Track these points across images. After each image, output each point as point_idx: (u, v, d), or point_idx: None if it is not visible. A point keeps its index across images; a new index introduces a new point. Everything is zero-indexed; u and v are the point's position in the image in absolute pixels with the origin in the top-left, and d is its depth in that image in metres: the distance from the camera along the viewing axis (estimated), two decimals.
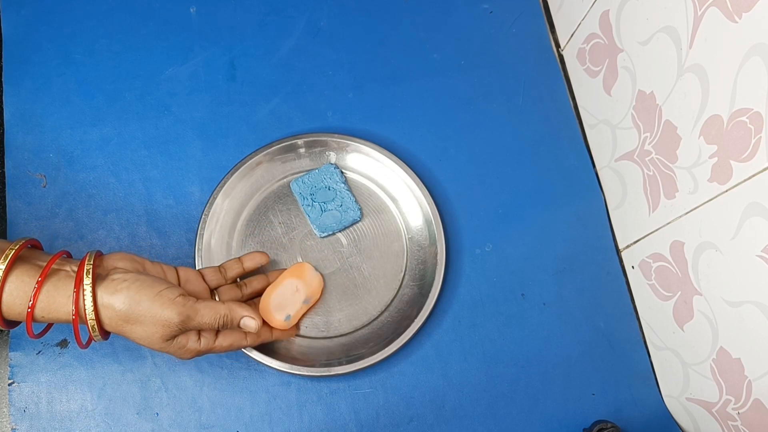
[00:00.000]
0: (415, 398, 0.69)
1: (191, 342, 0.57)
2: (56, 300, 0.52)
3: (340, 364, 0.66)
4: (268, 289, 0.66)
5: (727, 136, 0.55)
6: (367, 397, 0.68)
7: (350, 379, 0.68)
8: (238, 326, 0.60)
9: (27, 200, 0.71)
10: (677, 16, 0.59)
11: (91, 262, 0.54)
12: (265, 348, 0.67)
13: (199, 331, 0.58)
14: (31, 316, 0.52)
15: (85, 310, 0.53)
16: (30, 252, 0.55)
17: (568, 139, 0.79)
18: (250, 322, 0.60)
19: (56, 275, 0.53)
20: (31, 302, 0.51)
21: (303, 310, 0.68)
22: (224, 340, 0.60)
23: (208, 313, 0.57)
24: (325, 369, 0.66)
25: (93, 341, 0.56)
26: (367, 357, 0.66)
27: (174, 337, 0.56)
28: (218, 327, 0.58)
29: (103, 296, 0.53)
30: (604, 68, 0.74)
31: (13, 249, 0.52)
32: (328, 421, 0.67)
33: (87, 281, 0.53)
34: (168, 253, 0.71)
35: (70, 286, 0.53)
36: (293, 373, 0.66)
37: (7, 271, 0.51)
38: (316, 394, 0.68)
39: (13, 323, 0.54)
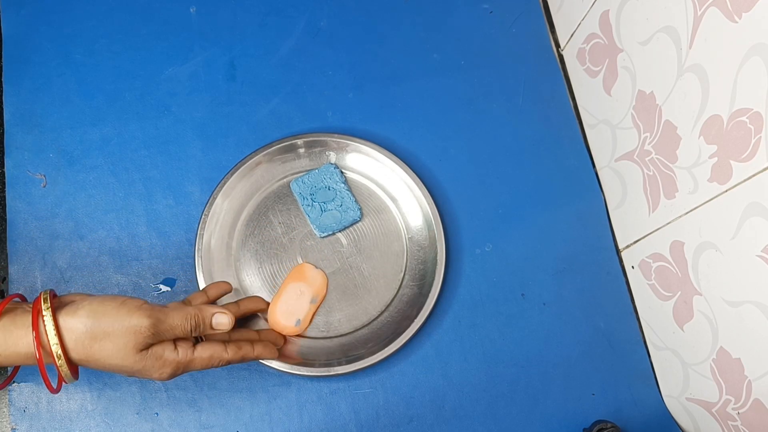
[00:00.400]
0: (415, 398, 0.69)
1: (168, 351, 0.54)
2: (13, 333, 0.49)
3: (340, 364, 0.66)
4: (273, 299, 0.67)
5: (727, 136, 0.55)
6: (367, 397, 0.68)
7: (350, 379, 0.68)
8: (211, 328, 0.57)
9: (27, 200, 0.71)
10: (677, 16, 0.59)
11: (47, 293, 0.51)
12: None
13: (175, 342, 0.55)
14: None
15: (47, 336, 0.49)
16: None
17: (568, 139, 0.79)
18: (221, 318, 0.57)
19: (12, 312, 0.51)
20: None
21: (312, 310, 0.68)
22: (203, 351, 0.56)
23: (178, 314, 0.54)
24: (325, 369, 0.66)
25: (64, 382, 0.52)
26: (367, 357, 0.66)
27: (148, 346, 0.53)
28: (191, 329, 0.55)
29: (65, 319, 0.50)
30: (604, 68, 0.74)
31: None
32: (328, 421, 0.67)
33: (45, 306, 0.50)
34: (168, 253, 0.71)
35: (28, 318, 0.50)
36: (293, 373, 0.66)
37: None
38: (316, 394, 0.68)
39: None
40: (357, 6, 0.82)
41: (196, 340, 0.58)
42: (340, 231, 0.72)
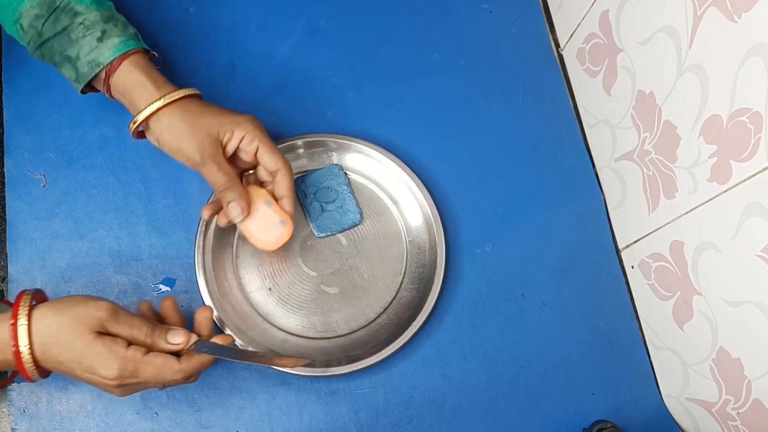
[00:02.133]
0: (414, 398, 0.69)
1: (118, 345, 0.53)
2: None
3: (340, 364, 0.66)
4: (245, 230, 0.66)
5: (727, 135, 0.55)
6: (367, 397, 0.68)
7: (350, 379, 0.68)
8: (167, 341, 0.56)
9: (27, 200, 0.71)
10: (677, 16, 0.59)
11: (29, 297, 0.54)
12: (265, 348, 0.67)
13: (129, 344, 0.55)
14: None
15: (18, 324, 0.52)
16: None
17: (568, 139, 0.79)
18: (177, 334, 0.57)
19: None
20: None
21: (285, 207, 0.66)
22: (155, 357, 0.55)
23: (138, 316, 0.56)
24: (325, 369, 0.66)
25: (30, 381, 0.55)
26: (367, 357, 0.66)
27: (102, 332, 0.53)
28: (146, 331, 0.55)
29: (36, 312, 0.54)
30: (604, 68, 0.74)
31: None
32: (328, 421, 0.67)
33: (23, 311, 0.53)
34: (167, 252, 0.71)
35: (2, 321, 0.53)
36: (293, 373, 0.66)
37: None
38: (316, 394, 0.68)
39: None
40: (357, 6, 0.82)
41: None
42: (338, 232, 0.72)
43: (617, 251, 0.76)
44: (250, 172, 0.68)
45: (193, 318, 0.61)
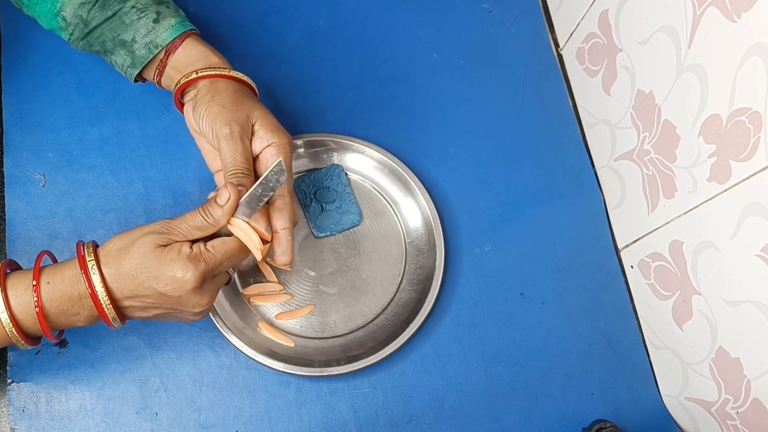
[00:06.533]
0: (414, 398, 0.69)
1: (185, 247, 0.54)
2: (61, 272, 0.53)
3: (339, 363, 0.66)
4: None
5: (726, 135, 0.55)
6: (366, 397, 0.68)
7: (349, 378, 0.68)
8: (216, 203, 0.55)
9: (26, 200, 0.71)
10: (676, 16, 0.59)
11: (90, 246, 0.55)
12: (264, 348, 0.67)
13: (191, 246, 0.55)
14: (40, 305, 0.52)
15: (86, 260, 0.53)
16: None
17: (568, 138, 0.79)
18: (223, 192, 0.55)
19: (49, 269, 0.54)
20: (35, 285, 0.52)
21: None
22: (218, 241, 0.56)
23: (187, 213, 0.57)
24: (324, 369, 0.66)
25: (112, 327, 0.55)
26: (366, 357, 0.66)
27: (167, 243, 0.54)
28: (202, 215, 0.55)
29: (101, 251, 0.54)
30: (603, 68, 0.74)
31: None
32: (327, 420, 0.67)
33: (89, 257, 0.54)
34: None
35: (68, 271, 0.54)
36: (292, 373, 0.66)
37: (4, 288, 0.53)
38: (315, 393, 0.68)
39: (36, 339, 0.56)
40: (356, 5, 0.82)
41: None
42: (337, 233, 0.72)
43: (617, 251, 0.76)
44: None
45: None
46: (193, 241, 0.56)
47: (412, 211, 0.73)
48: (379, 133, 0.76)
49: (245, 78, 0.63)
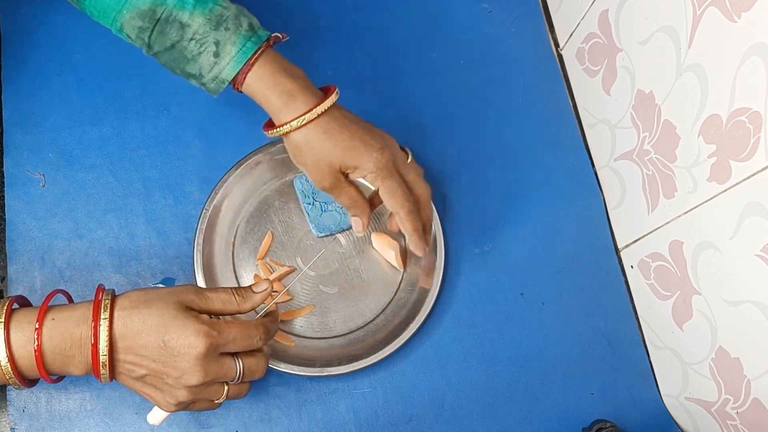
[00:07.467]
0: (414, 398, 0.69)
1: (204, 316, 0.53)
2: (71, 311, 0.52)
3: (340, 363, 0.66)
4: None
5: (726, 135, 0.55)
6: (366, 397, 0.68)
7: (349, 378, 0.68)
8: (252, 291, 0.57)
9: (26, 200, 0.71)
10: (676, 16, 0.59)
11: (109, 295, 0.53)
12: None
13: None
14: (40, 355, 0.50)
15: (101, 313, 0.51)
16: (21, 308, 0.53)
17: (567, 138, 0.79)
18: (261, 283, 0.58)
19: (59, 308, 0.52)
20: (36, 336, 0.50)
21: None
22: (235, 322, 0.55)
23: (218, 288, 0.56)
24: (324, 369, 0.66)
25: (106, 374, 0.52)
26: (366, 357, 0.66)
27: (190, 308, 0.53)
28: (233, 294, 0.56)
29: (118, 301, 0.53)
30: (603, 68, 0.74)
31: (3, 304, 0.51)
32: (327, 420, 0.67)
33: (106, 295, 0.52)
34: (167, 252, 0.70)
35: (78, 312, 0.52)
36: (292, 373, 0.66)
37: (7, 325, 0.50)
38: (315, 393, 0.68)
39: (33, 381, 0.53)
40: (356, 5, 0.82)
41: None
42: (338, 233, 0.72)
43: (617, 251, 0.76)
44: None
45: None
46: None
47: None
48: None
49: (314, 114, 0.58)
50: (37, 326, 0.50)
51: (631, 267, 0.74)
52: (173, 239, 0.71)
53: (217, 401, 0.56)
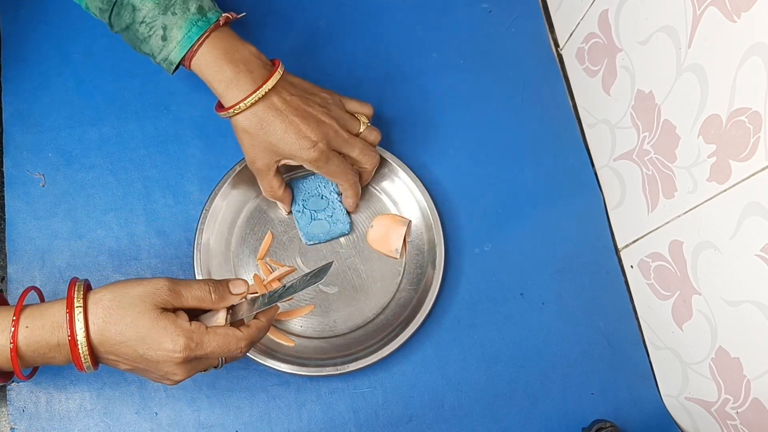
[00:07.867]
0: (414, 398, 0.69)
1: (182, 320, 0.52)
2: (42, 317, 0.51)
3: (340, 363, 0.66)
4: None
5: (726, 135, 0.55)
6: (366, 397, 0.68)
7: (349, 378, 0.68)
8: (229, 291, 0.56)
9: (26, 200, 0.71)
10: (676, 16, 0.59)
11: (81, 284, 0.52)
12: (264, 348, 0.67)
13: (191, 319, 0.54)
14: (15, 349, 0.49)
15: (74, 306, 0.51)
16: None
17: (567, 138, 0.79)
18: (238, 282, 0.56)
19: (30, 312, 0.51)
20: (12, 330, 0.49)
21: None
22: (217, 329, 0.54)
23: (196, 281, 0.55)
24: (324, 369, 0.66)
25: (83, 371, 0.53)
26: (366, 357, 0.66)
27: (166, 307, 0.52)
28: (209, 290, 0.55)
29: (93, 296, 0.52)
30: (603, 68, 0.74)
31: None
32: (327, 420, 0.67)
33: (78, 297, 0.51)
34: (167, 252, 0.70)
35: (55, 305, 0.51)
36: (292, 373, 0.66)
37: None
38: (315, 393, 0.68)
39: (7, 375, 0.53)
40: (356, 5, 0.82)
41: None
42: (327, 241, 0.72)
43: (616, 251, 0.76)
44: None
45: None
46: (193, 314, 0.55)
47: (411, 207, 0.73)
48: None
49: (253, 99, 0.61)
50: (11, 341, 0.50)
51: (631, 267, 0.74)
52: (173, 239, 0.71)
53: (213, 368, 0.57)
